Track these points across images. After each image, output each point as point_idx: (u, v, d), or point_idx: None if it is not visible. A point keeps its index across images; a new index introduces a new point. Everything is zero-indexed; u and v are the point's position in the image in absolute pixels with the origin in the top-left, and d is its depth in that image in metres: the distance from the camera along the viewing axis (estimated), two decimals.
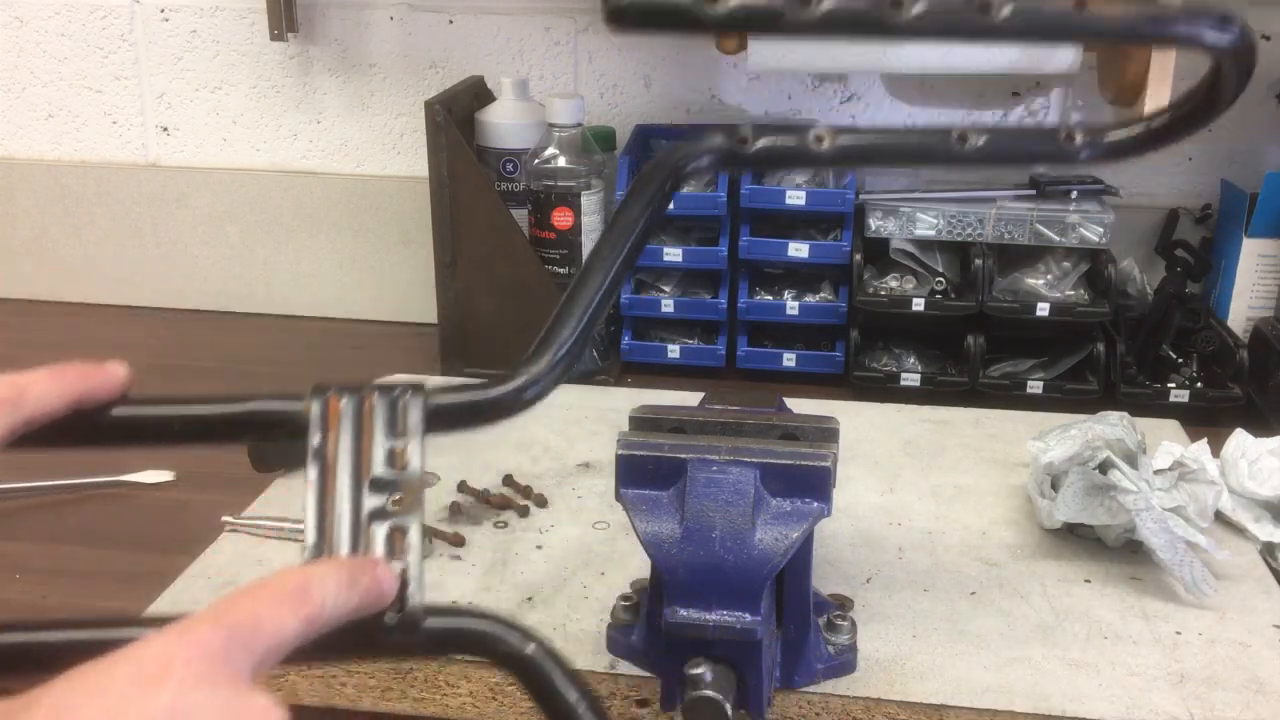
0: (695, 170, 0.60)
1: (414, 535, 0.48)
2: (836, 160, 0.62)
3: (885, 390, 1.21)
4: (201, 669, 0.36)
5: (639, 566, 0.86)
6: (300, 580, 0.41)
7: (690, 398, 0.85)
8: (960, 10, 0.54)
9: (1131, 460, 0.89)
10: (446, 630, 0.48)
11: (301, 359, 1.36)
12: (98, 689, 0.35)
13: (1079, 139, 0.63)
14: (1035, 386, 1.20)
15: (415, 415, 0.50)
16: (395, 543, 0.48)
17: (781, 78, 1.35)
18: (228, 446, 0.52)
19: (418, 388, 0.51)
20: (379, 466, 0.49)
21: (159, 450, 1.09)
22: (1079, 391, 1.19)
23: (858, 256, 1.23)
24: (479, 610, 0.49)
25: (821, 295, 1.28)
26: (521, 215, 1.26)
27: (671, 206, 1.33)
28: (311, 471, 0.48)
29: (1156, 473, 0.90)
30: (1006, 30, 0.55)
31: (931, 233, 1.23)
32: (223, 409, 0.52)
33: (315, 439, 0.49)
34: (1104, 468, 0.89)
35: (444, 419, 0.52)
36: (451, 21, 1.39)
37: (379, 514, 0.48)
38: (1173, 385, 1.19)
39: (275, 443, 0.54)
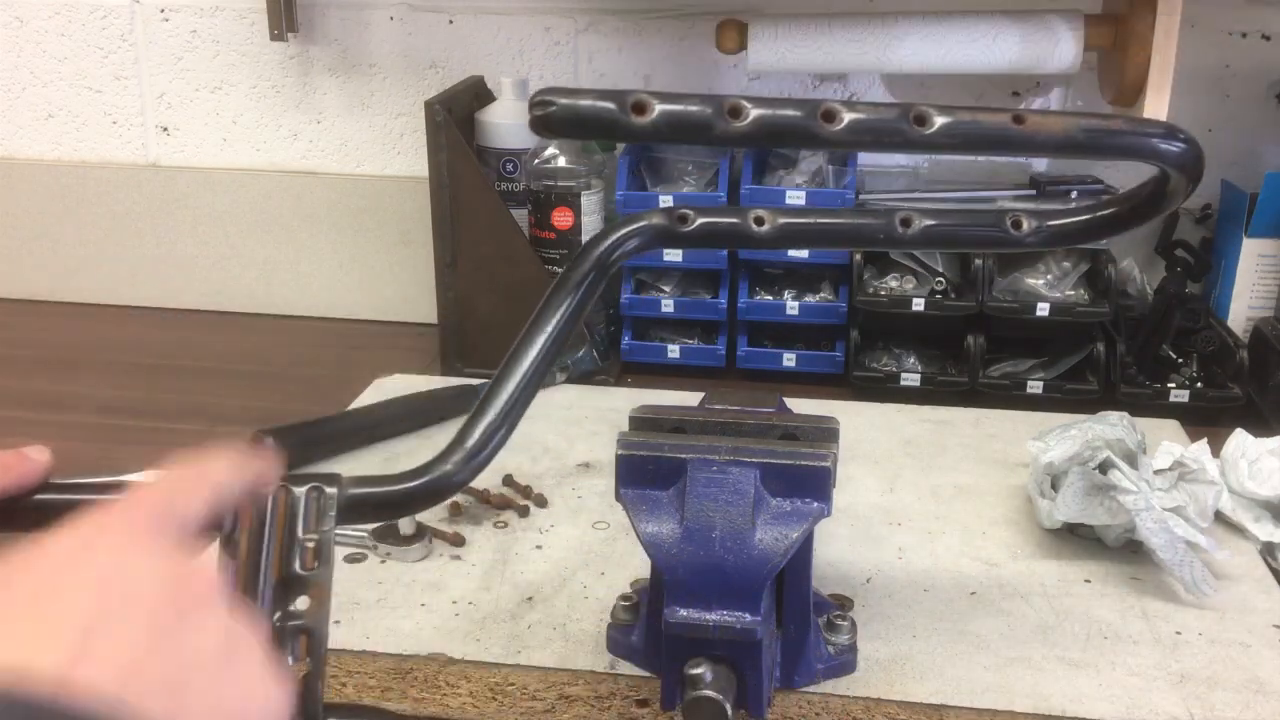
0: (624, 254, 0.60)
1: (319, 638, 0.49)
2: (776, 242, 0.62)
3: (885, 390, 1.21)
4: (131, 538, 0.39)
5: (639, 566, 0.86)
6: (199, 467, 0.45)
7: (690, 398, 0.85)
8: (893, 122, 0.53)
9: (1131, 460, 0.89)
10: None
11: (301, 359, 1.36)
12: (33, 562, 0.37)
13: (1025, 226, 0.62)
14: (1035, 386, 1.20)
15: (329, 508, 0.51)
16: (301, 646, 0.49)
17: (781, 77, 1.35)
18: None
19: (332, 479, 0.52)
20: (291, 562, 0.50)
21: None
22: (1079, 391, 1.19)
23: (858, 256, 1.23)
24: (376, 707, 0.51)
25: (821, 295, 1.28)
26: (521, 215, 1.26)
27: (670, 206, 1.33)
28: (224, 563, 0.49)
29: (1156, 473, 0.90)
30: (940, 143, 0.54)
31: None
32: None
33: (227, 531, 0.49)
34: (1104, 468, 0.89)
35: (357, 511, 0.53)
36: (451, 21, 1.39)
37: (287, 615, 0.49)
38: (1173, 385, 1.19)
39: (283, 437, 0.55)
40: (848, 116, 0.53)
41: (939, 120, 0.53)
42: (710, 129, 0.53)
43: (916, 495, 1.00)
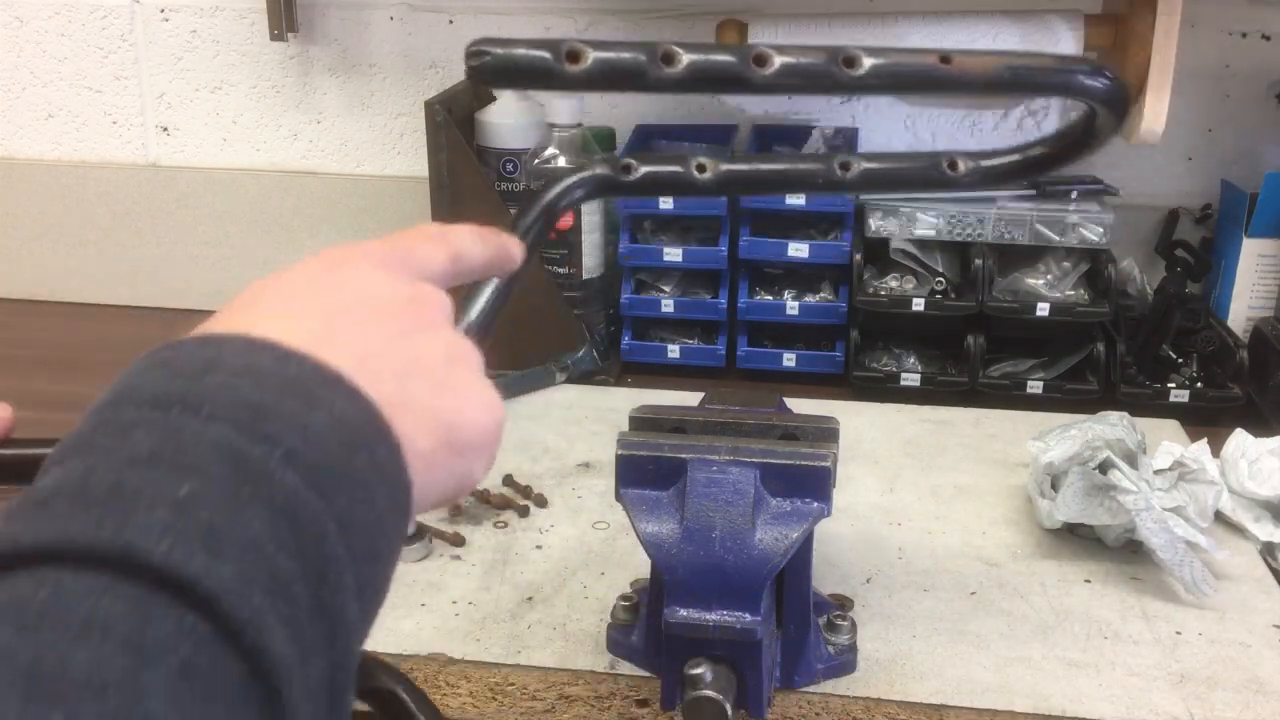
0: (571, 203, 0.61)
1: None
2: (719, 188, 0.63)
3: (885, 390, 1.21)
4: (373, 263, 0.43)
5: (639, 566, 0.86)
6: (440, 227, 0.48)
7: (690, 398, 0.85)
8: (823, 65, 0.54)
9: (1131, 460, 0.89)
10: None
11: None
12: (287, 277, 0.42)
13: (961, 166, 0.63)
14: (1035, 386, 1.20)
15: None
16: None
17: None
18: None
19: None
20: None
21: None
22: (1079, 391, 1.19)
23: (858, 256, 1.23)
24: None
25: (821, 295, 1.28)
26: None
27: (671, 206, 1.33)
28: None
29: (1156, 473, 0.90)
30: (870, 85, 0.55)
31: (931, 233, 1.23)
32: None
33: None
34: (1104, 468, 0.89)
35: None
36: (451, 21, 1.39)
37: None
38: (1173, 385, 1.18)
39: None
40: (779, 60, 0.53)
41: (868, 62, 0.54)
42: (644, 75, 0.54)
43: (916, 495, 1.00)
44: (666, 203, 1.24)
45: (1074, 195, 1.24)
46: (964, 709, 0.74)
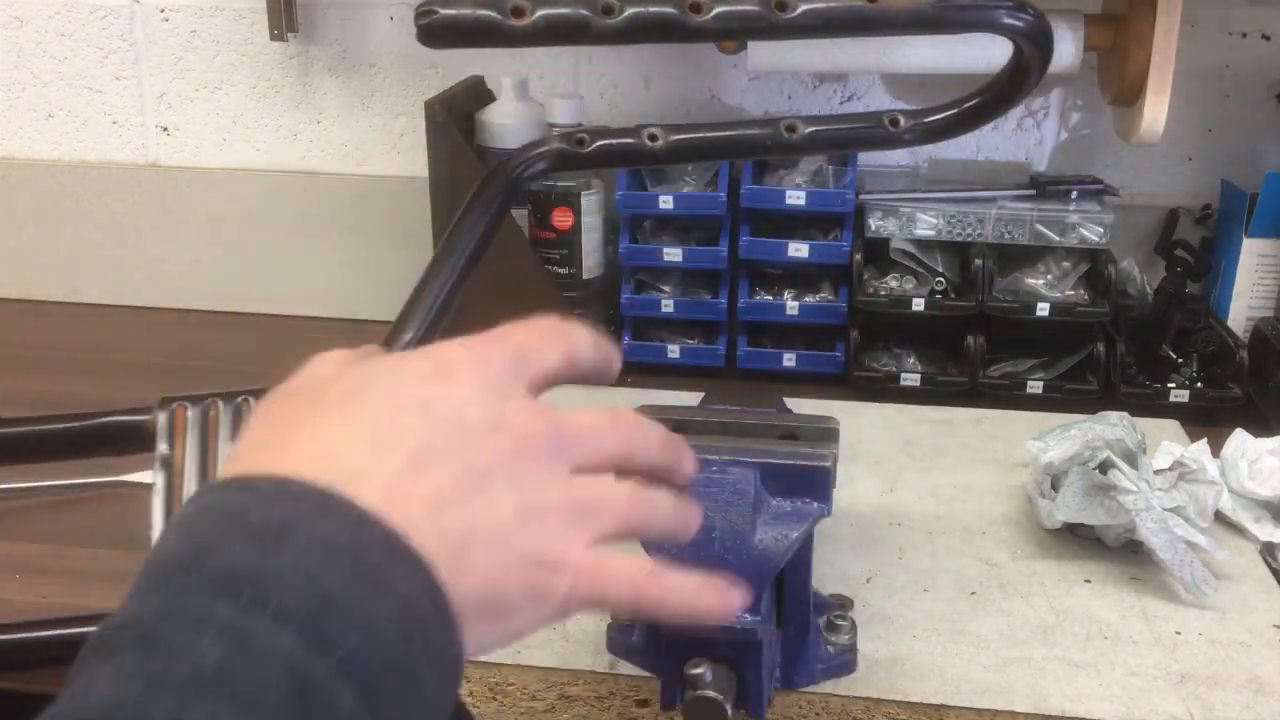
0: (532, 175, 0.62)
1: None
2: (671, 157, 0.64)
3: (885, 390, 1.21)
4: (482, 376, 0.42)
5: None
6: (559, 324, 0.46)
7: (690, 398, 0.85)
8: (757, 9, 0.55)
9: (1131, 460, 0.89)
10: None
11: (302, 359, 1.36)
12: (391, 375, 0.41)
13: (903, 123, 0.64)
14: (1035, 386, 1.20)
15: None
16: None
17: (781, 78, 1.35)
18: (85, 459, 0.55)
19: (259, 392, 0.54)
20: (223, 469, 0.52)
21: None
22: (1079, 391, 1.19)
23: (858, 256, 1.23)
24: None
25: (821, 295, 1.28)
26: (521, 215, 1.26)
27: (671, 206, 1.33)
28: (159, 479, 0.50)
29: (1156, 473, 0.90)
30: (803, 26, 0.56)
31: (931, 233, 1.23)
32: (75, 425, 0.55)
33: (162, 448, 0.51)
34: (1104, 468, 0.89)
35: None
36: None
37: None
38: (1173, 385, 1.19)
39: None
40: (716, 8, 0.55)
41: (801, 6, 0.55)
42: (587, 28, 0.55)
43: (916, 495, 1.00)
44: (666, 202, 1.24)
45: (1074, 195, 1.24)
46: (964, 709, 0.74)
